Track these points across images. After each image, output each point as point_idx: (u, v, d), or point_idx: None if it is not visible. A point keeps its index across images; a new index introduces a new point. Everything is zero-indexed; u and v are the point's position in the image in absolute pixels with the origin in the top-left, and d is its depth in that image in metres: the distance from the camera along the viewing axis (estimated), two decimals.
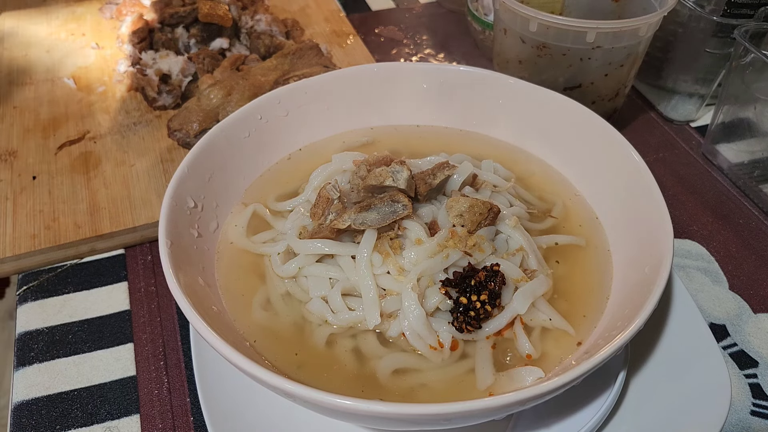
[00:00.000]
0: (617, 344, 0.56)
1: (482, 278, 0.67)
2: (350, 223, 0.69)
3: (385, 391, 0.64)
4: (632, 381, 0.73)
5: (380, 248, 0.68)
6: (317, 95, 0.90)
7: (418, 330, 0.65)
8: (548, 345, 0.67)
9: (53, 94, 1.18)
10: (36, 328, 0.85)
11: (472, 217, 0.71)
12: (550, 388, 0.53)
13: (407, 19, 1.49)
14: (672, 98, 1.18)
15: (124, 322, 0.85)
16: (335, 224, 0.70)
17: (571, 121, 0.84)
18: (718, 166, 1.09)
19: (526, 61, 1.04)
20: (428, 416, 0.51)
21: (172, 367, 0.80)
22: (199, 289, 0.67)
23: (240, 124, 0.83)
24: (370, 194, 0.72)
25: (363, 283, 0.67)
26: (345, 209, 0.72)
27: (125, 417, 0.75)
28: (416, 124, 0.95)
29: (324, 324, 0.69)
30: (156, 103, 1.13)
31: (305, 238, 0.72)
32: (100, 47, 1.30)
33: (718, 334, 0.85)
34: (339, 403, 0.51)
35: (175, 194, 0.71)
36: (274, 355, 0.66)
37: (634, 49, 0.99)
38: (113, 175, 1.01)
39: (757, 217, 1.01)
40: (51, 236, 0.92)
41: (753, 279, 0.91)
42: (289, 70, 1.12)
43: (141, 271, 0.92)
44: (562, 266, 0.75)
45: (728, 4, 1.02)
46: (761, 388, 0.79)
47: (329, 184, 0.75)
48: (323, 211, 0.73)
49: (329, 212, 0.73)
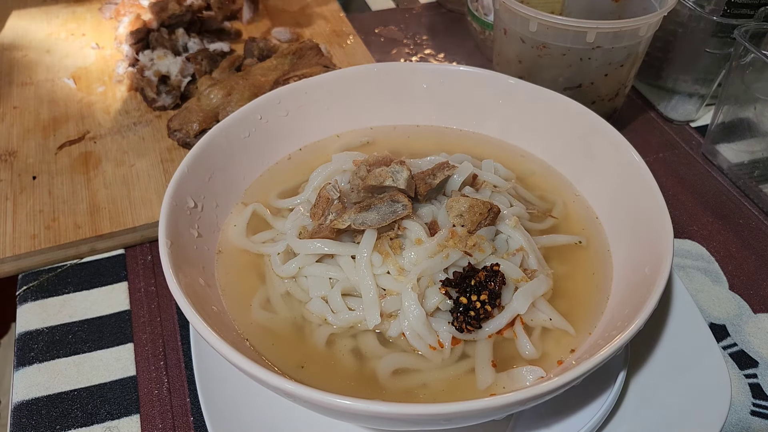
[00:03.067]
0: (617, 344, 0.56)
1: (482, 278, 0.67)
2: (350, 223, 0.69)
3: (385, 391, 0.64)
4: (632, 381, 0.73)
5: (380, 248, 0.68)
6: (317, 95, 0.90)
7: (418, 330, 0.65)
8: (549, 345, 0.67)
9: (53, 94, 1.18)
10: (36, 328, 0.85)
11: (472, 217, 0.71)
12: (551, 388, 0.53)
13: (407, 19, 1.49)
14: (672, 98, 1.18)
15: (124, 322, 0.85)
16: (335, 224, 0.70)
17: (572, 121, 0.84)
18: (718, 166, 1.09)
19: (526, 61, 1.04)
20: (428, 416, 0.51)
21: (172, 367, 0.80)
22: (199, 289, 0.67)
23: (240, 124, 0.83)
24: (370, 194, 0.72)
25: (363, 283, 0.67)
26: (345, 209, 0.72)
27: (125, 417, 0.75)
28: (416, 124, 0.95)
29: (324, 324, 0.69)
30: (155, 104, 1.13)
31: (305, 238, 0.72)
32: (100, 47, 1.30)
33: (718, 334, 0.85)
34: (339, 403, 0.51)
35: (175, 194, 0.71)
36: (274, 355, 0.66)
37: (634, 49, 0.99)
38: (113, 175, 1.01)
39: (757, 217, 1.01)
40: (51, 236, 0.92)
41: (753, 279, 0.91)
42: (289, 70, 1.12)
43: (141, 271, 0.92)
44: (563, 266, 0.75)
45: (728, 4, 1.02)
46: (761, 388, 0.79)
47: (329, 184, 0.75)
48: (323, 211, 0.73)
49: (329, 212, 0.73)
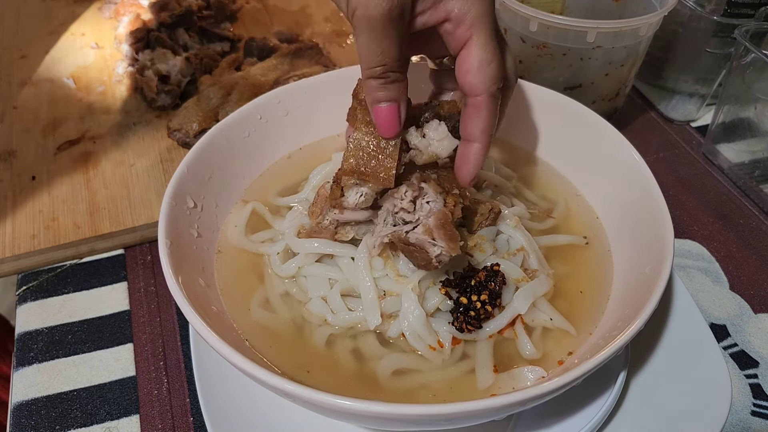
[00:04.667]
0: (618, 344, 0.56)
1: (482, 278, 0.66)
2: (353, 234, 0.69)
3: (385, 392, 0.64)
4: (633, 381, 0.73)
5: (381, 252, 0.68)
6: (317, 95, 0.90)
7: (418, 331, 0.65)
8: (549, 345, 0.67)
9: (53, 94, 1.17)
10: (35, 328, 0.85)
11: (472, 218, 0.70)
12: (551, 389, 0.53)
13: None
14: (672, 98, 1.18)
15: (124, 323, 0.85)
16: (339, 236, 0.70)
17: (572, 120, 0.84)
18: (718, 166, 1.09)
19: (527, 60, 1.04)
20: (428, 416, 0.51)
21: (171, 368, 0.80)
22: (199, 289, 0.67)
23: (240, 124, 0.83)
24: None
25: (362, 285, 0.67)
26: (343, 210, 0.71)
27: (125, 417, 0.75)
28: None
29: (324, 324, 0.69)
30: (155, 104, 1.13)
31: (303, 237, 0.72)
32: (100, 47, 1.29)
33: (718, 334, 0.84)
34: (339, 403, 0.51)
35: (174, 194, 0.71)
36: (273, 356, 0.66)
37: (634, 48, 0.99)
38: (113, 175, 1.01)
39: (757, 217, 1.01)
40: (50, 236, 0.91)
41: (754, 279, 0.91)
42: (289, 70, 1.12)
43: (140, 271, 0.92)
44: (563, 266, 0.75)
45: (729, 4, 1.02)
46: (762, 389, 0.79)
47: (328, 182, 0.74)
48: (321, 209, 0.73)
49: (328, 211, 0.73)
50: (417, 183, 0.65)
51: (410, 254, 0.64)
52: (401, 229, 0.64)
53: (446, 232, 0.62)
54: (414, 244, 0.63)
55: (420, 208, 0.64)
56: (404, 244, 0.64)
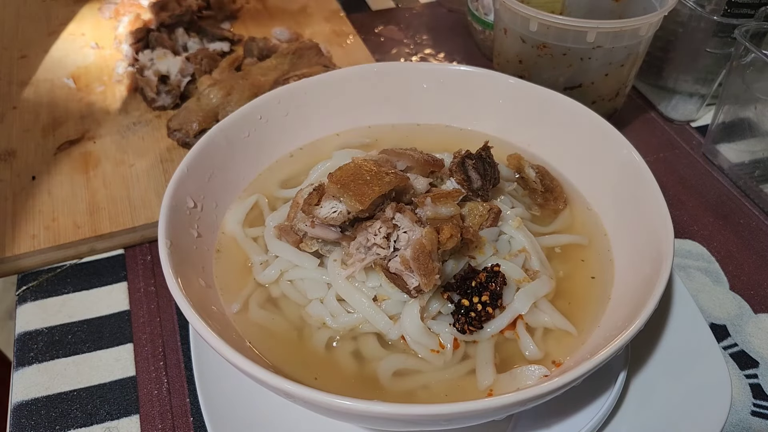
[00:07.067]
0: (618, 344, 0.56)
1: (483, 279, 0.66)
2: (317, 248, 0.69)
3: (385, 393, 0.64)
4: (633, 381, 0.73)
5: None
6: (317, 95, 0.90)
7: (417, 338, 0.65)
8: (550, 345, 0.67)
9: (53, 94, 1.17)
10: (35, 328, 0.85)
11: (472, 219, 0.70)
12: (551, 389, 0.53)
13: (407, 19, 1.49)
14: (672, 98, 1.18)
15: (124, 323, 0.85)
16: (303, 246, 0.70)
17: (572, 120, 0.84)
18: (718, 166, 1.09)
19: (527, 60, 1.04)
20: (429, 416, 0.51)
21: (171, 368, 0.80)
22: (199, 290, 0.67)
23: (240, 124, 0.83)
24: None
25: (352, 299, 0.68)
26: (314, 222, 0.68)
27: (125, 417, 0.75)
28: (416, 123, 0.94)
29: (323, 327, 0.69)
30: (155, 104, 1.13)
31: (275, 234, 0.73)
32: (100, 47, 1.29)
33: (718, 334, 0.84)
34: (339, 403, 0.51)
35: (174, 194, 0.71)
36: (273, 356, 0.66)
37: (634, 48, 0.99)
38: (113, 175, 1.01)
39: (757, 217, 1.01)
40: (50, 236, 0.91)
41: (754, 279, 0.91)
42: (289, 70, 1.12)
43: (140, 272, 0.92)
44: (564, 266, 0.75)
45: (729, 4, 1.02)
46: (762, 389, 0.79)
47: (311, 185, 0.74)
48: (296, 214, 0.72)
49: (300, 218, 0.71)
50: (391, 215, 0.65)
51: (393, 280, 0.65)
52: (380, 255, 0.65)
53: (420, 265, 0.61)
54: (394, 273, 0.64)
55: (397, 240, 0.64)
56: (386, 270, 0.65)
